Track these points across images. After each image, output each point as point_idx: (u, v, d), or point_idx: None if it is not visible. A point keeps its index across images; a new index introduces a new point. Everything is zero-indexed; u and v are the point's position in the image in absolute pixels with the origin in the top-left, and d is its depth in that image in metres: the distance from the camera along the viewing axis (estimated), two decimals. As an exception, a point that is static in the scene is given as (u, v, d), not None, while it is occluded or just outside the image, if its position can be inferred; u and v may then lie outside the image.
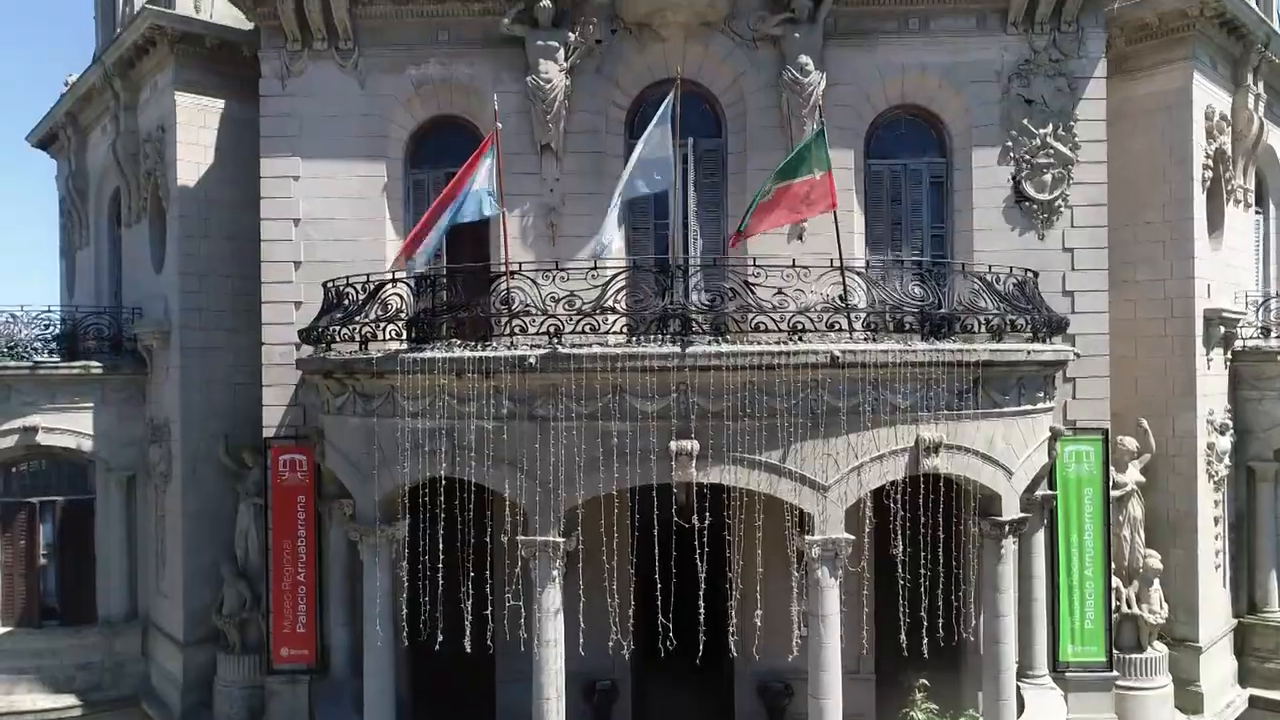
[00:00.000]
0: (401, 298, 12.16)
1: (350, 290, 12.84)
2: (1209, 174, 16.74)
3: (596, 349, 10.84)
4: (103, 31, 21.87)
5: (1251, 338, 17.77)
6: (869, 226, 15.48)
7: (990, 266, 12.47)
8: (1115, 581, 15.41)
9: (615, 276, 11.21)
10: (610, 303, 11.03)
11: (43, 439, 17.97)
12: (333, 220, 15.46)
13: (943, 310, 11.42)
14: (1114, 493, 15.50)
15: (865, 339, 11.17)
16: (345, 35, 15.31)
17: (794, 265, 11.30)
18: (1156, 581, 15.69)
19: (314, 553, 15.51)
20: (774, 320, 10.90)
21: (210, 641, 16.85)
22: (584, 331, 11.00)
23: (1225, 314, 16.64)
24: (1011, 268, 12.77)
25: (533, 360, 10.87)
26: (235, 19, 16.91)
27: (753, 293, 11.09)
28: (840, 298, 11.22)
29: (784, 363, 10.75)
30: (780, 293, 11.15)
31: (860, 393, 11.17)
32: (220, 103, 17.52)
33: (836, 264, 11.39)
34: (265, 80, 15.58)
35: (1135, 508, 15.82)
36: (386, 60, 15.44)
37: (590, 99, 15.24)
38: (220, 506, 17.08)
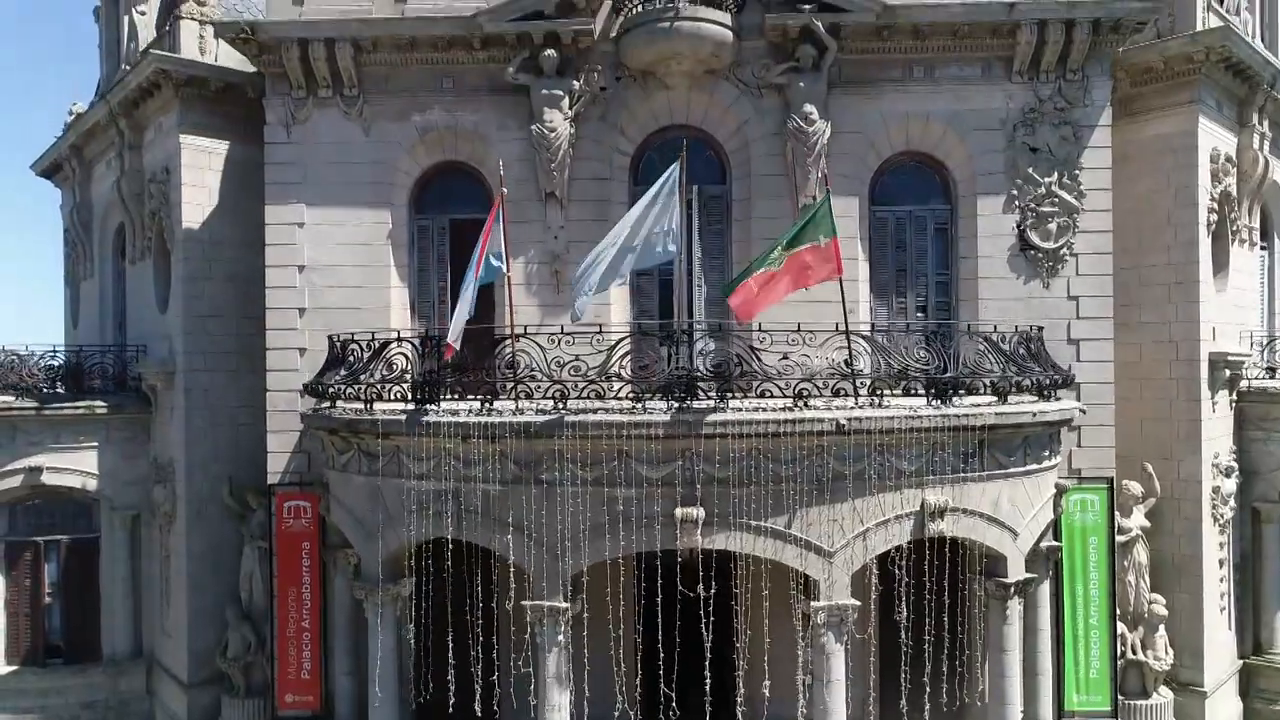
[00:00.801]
0: (406, 357, 12.16)
1: (355, 346, 12.84)
2: (1214, 217, 16.71)
3: (602, 415, 10.84)
4: (107, 64, 21.95)
5: (1257, 378, 17.72)
6: (874, 273, 15.48)
7: (995, 326, 12.44)
8: (1120, 627, 15.37)
9: (620, 341, 11.22)
10: (616, 368, 11.03)
11: (48, 479, 18.04)
12: (337, 267, 15.47)
13: (948, 374, 11.38)
14: (1119, 538, 15.46)
15: (871, 404, 11.14)
16: (350, 83, 15.32)
17: (799, 329, 11.28)
18: (1162, 627, 15.66)
19: (319, 599, 15.52)
20: (779, 387, 10.88)
21: (215, 683, 16.90)
22: (589, 397, 10.99)
23: (1230, 358, 16.61)
24: (1016, 326, 12.76)
25: (537, 426, 10.86)
26: (240, 61, 16.91)
27: (758, 358, 11.08)
28: (846, 362, 11.20)
29: (790, 430, 10.75)
30: (785, 358, 11.15)
31: (866, 458, 11.16)
32: (224, 144, 17.56)
33: (842, 328, 11.36)
34: (270, 127, 15.58)
35: (1140, 553, 15.80)
36: (391, 107, 15.46)
37: (595, 146, 15.24)
38: (225, 547, 17.15)
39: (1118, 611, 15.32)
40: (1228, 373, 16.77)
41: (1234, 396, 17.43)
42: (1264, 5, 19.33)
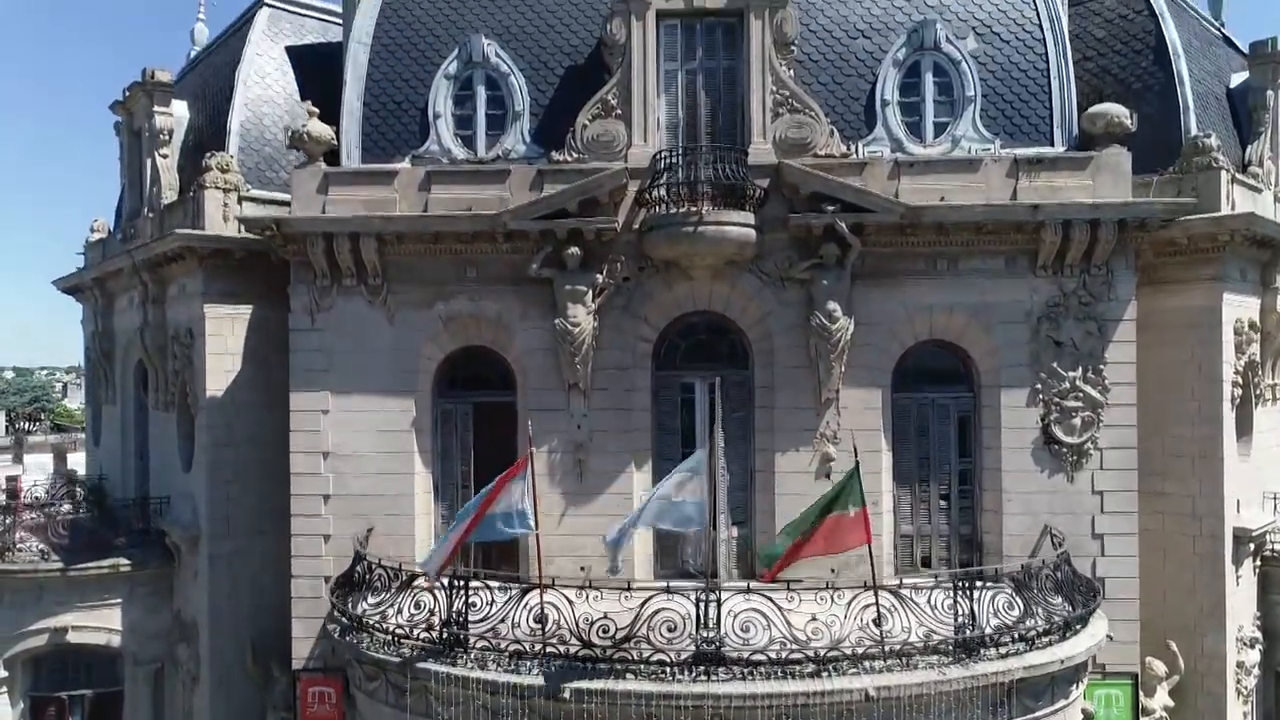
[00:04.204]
0: (434, 596, 12.21)
1: (382, 573, 12.93)
2: (1238, 392, 16.64)
3: (631, 684, 10.88)
4: (129, 198, 22.03)
5: (1280, 542, 17.66)
6: (896, 460, 15.46)
7: (1023, 565, 12.44)
8: (1144, 813, 15.35)
9: (647, 601, 11.24)
10: (643, 630, 11.05)
11: (73, 637, 18.21)
12: (362, 455, 15.53)
13: (975, 633, 11.37)
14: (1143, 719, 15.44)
15: (899, 666, 11.13)
16: (374, 272, 15.40)
17: (828, 586, 11.29)
18: (1185, 812, 15.64)
19: (343, 784, 15.59)
20: (808, 655, 10.89)
21: None
22: (617, 662, 11.02)
23: (1255, 533, 16.55)
24: (1044, 560, 12.74)
25: (566, 694, 10.91)
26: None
27: (786, 620, 11.09)
28: (875, 621, 11.20)
29: (818, 701, 10.76)
30: (814, 619, 11.15)
31: (894, 717, 11.16)
32: (247, 309, 17.67)
33: (869, 585, 11.37)
34: (295, 314, 15.68)
35: (1165, 733, 15.77)
36: (415, 295, 15.53)
37: (618, 336, 15.28)
38: (248, 712, 17.26)
39: (1143, 796, 15.29)
40: (1252, 546, 16.71)
41: (1258, 562, 17.37)
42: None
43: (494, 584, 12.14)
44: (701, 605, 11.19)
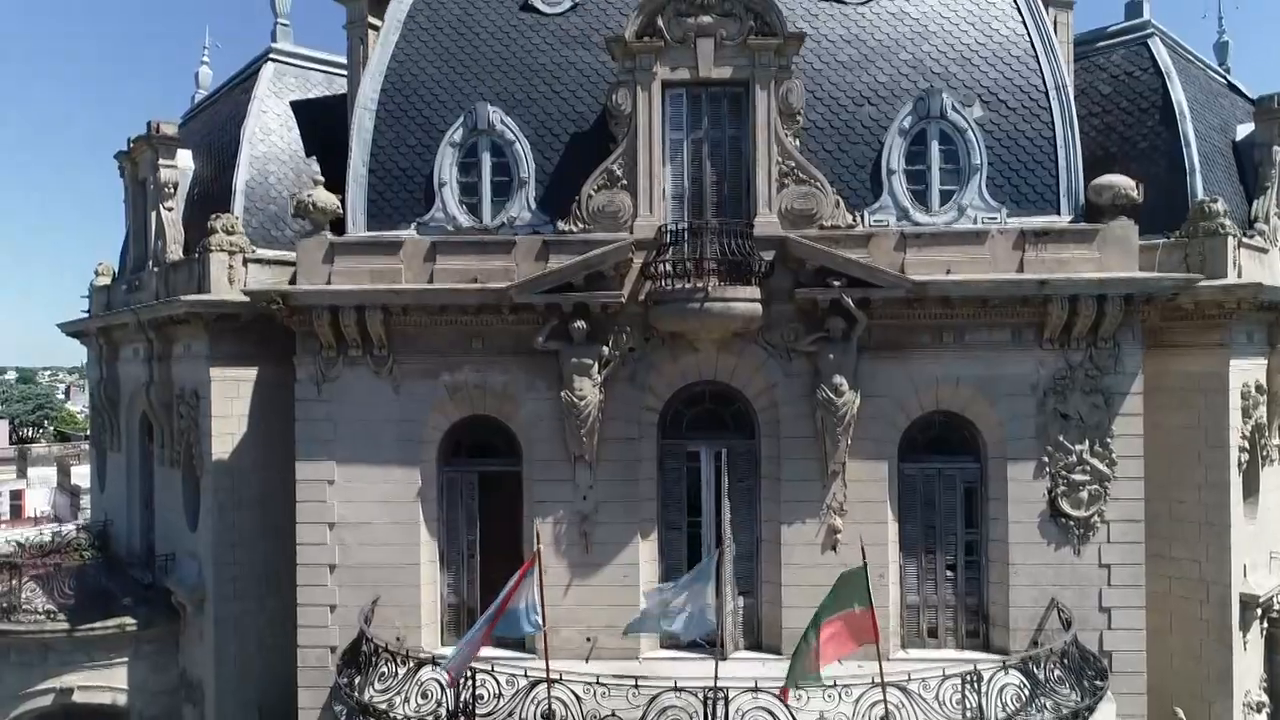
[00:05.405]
0: (440, 686, 12.20)
1: (389, 657, 12.90)
2: (1245, 456, 16.60)
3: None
4: (134, 247, 22.02)
5: (1287, 603, 17.60)
6: (902, 531, 15.43)
7: (1028, 656, 12.42)
8: None
9: (655, 699, 11.23)
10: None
11: (78, 697, 18.27)
12: (367, 524, 15.52)
13: (985, 729, 11.37)
14: (1150, 790, 15.41)
15: (907, 766, 11.12)
16: (380, 343, 15.39)
17: (835, 684, 11.26)
18: None
19: None
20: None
21: None
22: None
23: (1262, 598, 16.51)
24: (1052, 648, 12.73)
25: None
26: (269, 286, 17.00)
27: (794, 719, 11.06)
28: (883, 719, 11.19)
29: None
30: (821, 717, 11.13)
31: (902, 818, 11.14)
32: (253, 370, 17.69)
33: (876, 681, 11.34)
34: (300, 384, 15.67)
35: (1172, 801, 15.74)
36: (420, 366, 15.52)
37: (624, 407, 15.26)
38: (255, 775, 17.28)
39: None
40: (1259, 611, 16.67)
41: (1264, 625, 17.33)
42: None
43: (501, 672, 12.07)
44: (710, 703, 11.16)
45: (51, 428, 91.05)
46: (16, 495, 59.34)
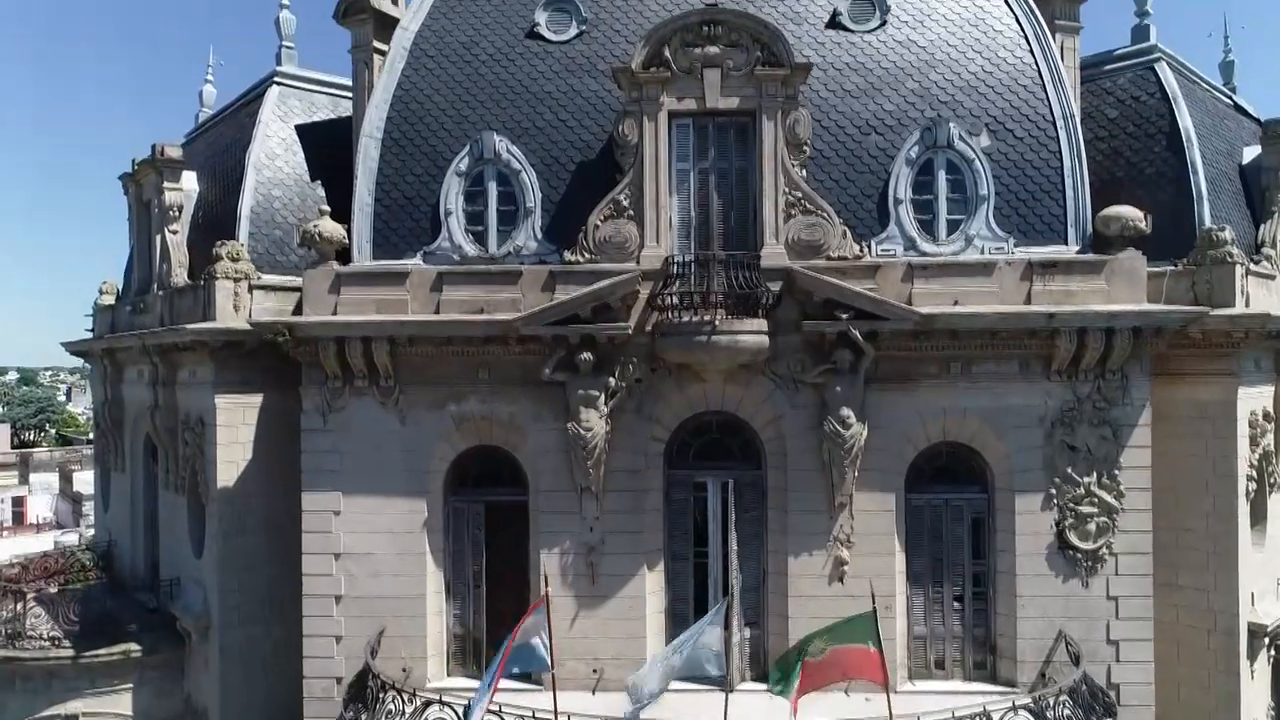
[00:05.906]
0: (448, 724, 12.18)
1: (395, 694, 12.88)
2: (1253, 485, 16.56)
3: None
4: (139, 268, 22.00)
5: (1294, 632, 17.54)
6: (910, 562, 15.38)
7: (1039, 694, 12.36)
8: None
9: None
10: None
11: (83, 724, 18.19)
12: (373, 555, 15.49)
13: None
14: (1156, 822, 15.36)
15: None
16: (386, 374, 15.36)
17: (843, 726, 11.25)
18: None
19: None
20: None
21: None
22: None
23: (1270, 628, 16.46)
24: (1061, 687, 12.68)
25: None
26: (275, 312, 17.03)
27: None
28: (891, 764, 11.16)
29: None
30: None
31: None
32: (259, 396, 17.65)
33: (886, 723, 11.32)
34: (306, 415, 15.65)
35: (1178, 834, 15.70)
36: (427, 397, 15.49)
37: (630, 438, 15.22)
38: (260, 802, 17.26)
39: None
40: (1267, 640, 16.62)
41: (1272, 653, 17.27)
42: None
43: (509, 714, 12.03)
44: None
45: (53, 431, 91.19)
46: (19, 502, 59.43)
